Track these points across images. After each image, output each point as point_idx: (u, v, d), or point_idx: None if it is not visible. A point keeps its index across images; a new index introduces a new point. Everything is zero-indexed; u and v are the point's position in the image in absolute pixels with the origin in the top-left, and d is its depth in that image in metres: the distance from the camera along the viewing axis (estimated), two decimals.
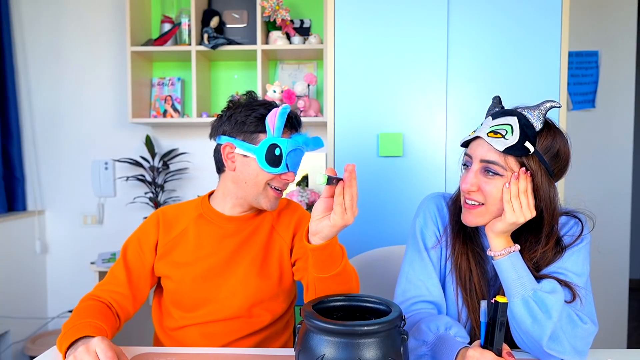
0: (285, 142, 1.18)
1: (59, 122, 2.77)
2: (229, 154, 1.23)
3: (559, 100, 1.93)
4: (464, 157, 1.08)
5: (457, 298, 1.10)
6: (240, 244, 1.27)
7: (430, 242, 1.14)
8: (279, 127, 1.17)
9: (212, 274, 1.24)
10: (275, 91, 2.39)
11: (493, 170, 1.00)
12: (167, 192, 2.72)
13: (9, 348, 2.54)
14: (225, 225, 1.28)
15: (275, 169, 1.19)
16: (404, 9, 1.95)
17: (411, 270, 1.14)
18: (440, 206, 1.17)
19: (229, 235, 1.27)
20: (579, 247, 1.05)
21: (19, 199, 2.71)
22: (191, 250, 1.26)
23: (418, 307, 1.10)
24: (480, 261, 1.10)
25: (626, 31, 2.71)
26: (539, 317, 0.95)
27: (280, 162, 1.18)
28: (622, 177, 2.75)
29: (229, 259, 1.25)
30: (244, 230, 1.28)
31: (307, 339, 0.82)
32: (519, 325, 0.97)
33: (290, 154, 1.19)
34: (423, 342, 0.98)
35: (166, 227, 1.28)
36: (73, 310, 1.14)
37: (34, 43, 2.75)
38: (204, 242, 1.26)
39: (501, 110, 1.05)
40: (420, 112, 1.95)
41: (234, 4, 2.55)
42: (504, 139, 0.99)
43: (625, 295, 2.73)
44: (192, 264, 1.24)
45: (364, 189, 2.00)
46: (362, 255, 1.56)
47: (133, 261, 1.25)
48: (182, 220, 1.29)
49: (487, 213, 1.03)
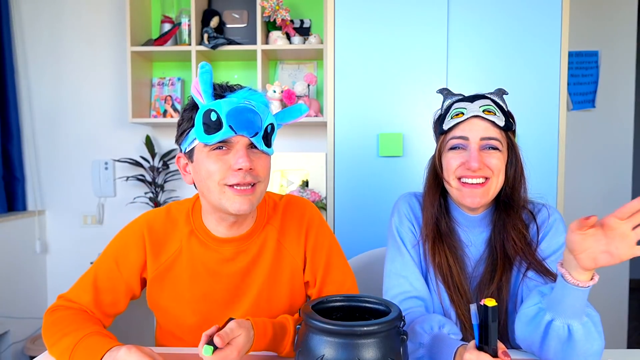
0: (219, 103, 0.98)
1: (59, 122, 2.77)
2: (184, 167, 1.08)
3: (559, 100, 1.93)
4: (450, 141, 1.10)
5: (439, 295, 1.11)
6: (244, 271, 1.11)
7: (407, 239, 1.16)
8: (205, 90, 0.99)
9: (216, 305, 1.11)
10: (275, 91, 2.39)
11: (493, 145, 1.06)
12: (167, 192, 2.72)
13: (9, 348, 2.54)
14: (221, 249, 1.10)
15: (216, 135, 0.97)
16: (404, 8, 1.95)
17: (393, 268, 1.15)
18: (413, 205, 1.20)
19: (227, 261, 1.10)
20: (557, 224, 1.10)
21: (19, 199, 2.71)
22: (187, 279, 1.10)
23: (406, 304, 1.10)
24: (459, 257, 1.12)
25: (626, 31, 2.71)
26: (594, 336, 0.90)
27: (220, 125, 0.97)
28: (622, 177, 2.75)
29: (234, 289, 1.11)
30: (246, 253, 1.11)
31: (307, 340, 0.82)
32: (577, 345, 0.90)
33: (231, 113, 0.97)
34: (419, 345, 0.98)
35: (155, 249, 1.10)
36: (48, 322, 1.05)
37: (34, 43, 2.75)
38: (200, 269, 1.10)
39: (472, 95, 1.12)
40: (420, 112, 1.95)
41: (234, 4, 2.55)
42: (496, 116, 1.06)
43: (625, 295, 2.73)
44: (191, 293, 1.10)
45: (364, 189, 2.00)
46: (361, 255, 1.56)
47: (105, 287, 1.09)
48: (174, 238, 1.11)
49: (491, 189, 1.07)
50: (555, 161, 1.93)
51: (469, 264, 1.12)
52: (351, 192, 2.00)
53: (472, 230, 1.14)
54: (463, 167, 1.07)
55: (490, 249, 1.12)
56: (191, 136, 1.03)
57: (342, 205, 2.01)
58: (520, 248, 1.07)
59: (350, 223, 2.01)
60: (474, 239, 1.14)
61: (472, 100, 1.09)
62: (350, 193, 2.00)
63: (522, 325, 0.97)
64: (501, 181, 1.08)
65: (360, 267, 1.50)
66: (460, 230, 1.14)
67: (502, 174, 1.08)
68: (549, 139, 1.93)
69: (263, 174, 1.03)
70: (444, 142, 1.12)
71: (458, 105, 1.10)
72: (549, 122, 1.93)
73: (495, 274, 1.09)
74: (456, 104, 1.11)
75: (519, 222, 1.10)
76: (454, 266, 1.10)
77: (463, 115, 1.07)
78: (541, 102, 1.93)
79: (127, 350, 0.89)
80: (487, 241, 1.13)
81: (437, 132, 1.16)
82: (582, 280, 0.85)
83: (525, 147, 1.93)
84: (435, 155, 1.15)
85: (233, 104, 0.99)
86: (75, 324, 1.02)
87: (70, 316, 1.05)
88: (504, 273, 1.08)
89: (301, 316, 0.85)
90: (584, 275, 0.85)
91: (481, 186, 1.06)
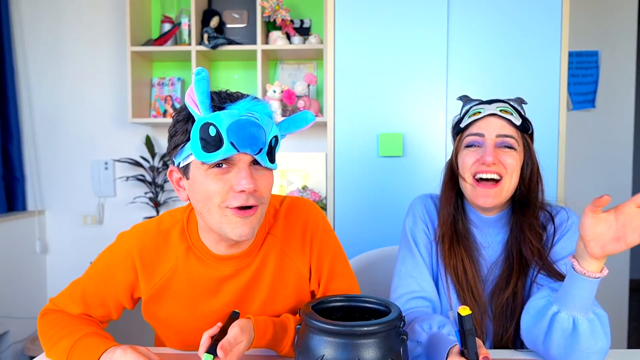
0: (218, 116, 0.87)
1: (59, 122, 2.77)
2: (178, 181, 0.98)
3: (559, 100, 1.93)
4: (467, 138, 1.11)
5: (449, 298, 1.11)
6: (246, 287, 1.04)
7: (420, 240, 1.16)
8: (202, 100, 0.87)
9: (217, 321, 1.01)
10: (275, 91, 2.39)
11: (509, 144, 1.07)
12: (167, 192, 2.72)
13: (9, 348, 2.54)
14: (221, 266, 1.03)
15: (216, 153, 0.87)
16: (404, 8, 1.95)
17: (403, 268, 1.15)
18: (429, 206, 1.20)
19: (228, 278, 1.04)
20: (575, 228, 1.09)
21: (19, 199, 2.71)
22: (186, 297, 1.04)
23: (412, 304, 1.10)
24: (475, 259, 1.11)
25: (626, 31, 2.71)
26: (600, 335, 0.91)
27: (221, 142, 0.86)
28: (622, 177, 2.75)
29: (235, 306, 1.05)
30: (247, 269, 1.04)
31: (307, 340, 0.82)
32: (580, 340, 0.90)
33: (232, 127, 0.86)
34: (417, 343, 0.98)
35: (147, 269, 1.03)
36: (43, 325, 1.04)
37: (34, 43, 2.75)
38: (199, 287, 1.04)
39: (491, 99, 1.13)
40: (420, 112, 1.95)
41: (234, 4, 2.55)
42: (512, 115, 1.08)
43: (625, 295, 2.73)
44: (190, 311, 1.05)
45: (364, 189, 2.00)
46: (361, 255, 1.55)
47: (94, 303, 1.05)
48: (167, 256, 1.04)
49: (504, 189, 1.07)
50: (555, 161, 1.93)
51: (484, 265, 1.12)
52: (351, 192, 2.00)
53: (488, 231, 1.14)
54: (478, 163, 1.07)
55: (507, 252, 1.12)
56: (186, 151, 0.91)
57: (342, 205, 2.01)
58: (537, 249, 1.06)
59: (350, 223, 2.01)
60: (491, 240, 1.13)
61: (490, 103, 1.11)
62: (350, 193, 2.00)
63: (529, 317, 0.98)
64: (515, 181, 1.07)
65: (361, 267, 1.50)
66: (476, 231, 1.14)
67: (517, 175, 1.07)
68: (549, 139, 1.93)
69: (266, 195, 0.95)
70: (460, 140, 1.13)
71: (476, 107, 1.12)
72: (549, 122, 1.93)
73: (511, 278, 1.08)
74: (475, 107, 1.13)
75: (536, 222, 1.09)
76: (469, 268, 1.09)
77: (480, 114, 1.09)
78: (541, 102, 1.93)
79: (122, 352, 0.88)
80: (503, 244, 1.13)
81: (455, 132, 1.17)
82: (591, 271, 0.87)
83: None
84: (452, 154, 1.15)
85: (234, 116, 0.87)
86: (71, 326, 1.01)
87: (66, 318, 1.03)
88: (520, 278, 1.08)
89: (301, 316, 0.85)
90: (592, 265, 0.87)
91: (494, 186, 1.06)
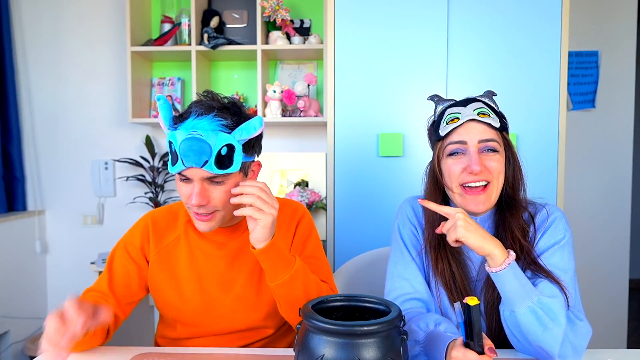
0: (174, 135, 1.02)
1: (59, 122, 2.76)
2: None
3: (559, 100, 1.93)
4: (449, 146, 1.09)
5: (439, 299, 1.11)
6: (236, 253, 1.19)
7: (409, 241, 1.17)
8: (164, 119, 1.04)
9: (211, 285, 1.18)
10: (275, 91, 2.39)
11: (492, 147, 1.06)
12: (167, 192, 2.72)
13: (9, 348, 2.54)
14: (215, 237, 1.19)
15: (175, 167, 1.03)
16: (404, 8, 1.96)
17: (395, 271, 1.15)
18: (417, 207, 1.20)
19: (220, 247, 1.19)
20: (563, 243, 1.07)
21: (19, 199, 2.71)
22: (185, 262, 1.19)
23: (407, 305, 1.10)
24: (462, 262, 1.11)
25: (626, 31, 2.71)
26: (549, 325, 0.93)
27: (177, 157, 1.02)
28: (622, 177, 2.75)
29: (225, 273, 1.18)
30: (237, 240, 1.19)
31: (307, 339, 0.82)
32: (529, 335, 0.95)
33: (181, 145, 1.00)
34: (415, 342, 0.98)
35: (157, 235, 1.21)
36: None
37: (34, 43, 2.75)
38: (196, 252, 1.19)
39: (464, 99, 1.11)
40: (420, 112, 1.95)
41: (234, 4, 2.55)
42: (491, 118, 1.07)
43: (625, 295, 2.73)
44: (188, 274, 1.18)
45: (364, 189, 2.00)
46: (362, 255, 1.55)
47: (119, 270, 1.18)
48: (174, 228, 1.22)
49: (493, 193, 1.07)
50: (555, 161, 1.93)
51: (472, 267, 1.12)
52: (351, 192, 2.00)
53: None
54: (465, 173, 1.06)
55: None
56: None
57: (342, 205, 2.01)
58: (524, 246, 1.07)
59: (350, 223, 2.01)
60: None
61: (464, 105, 1.09)
62: (350, 193, 2.00)
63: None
64: (501, 183, 1.08)
65: (361, 267, 1.50)
66: None
67: (502, 176, 1.08)
68: (549, 139, 1.93)
69: (221, 204, 1.06)
70: (441, 148, 1.11)
71: (452, 110, 1.10)
72: (549, 122, 1.93)
73: None
74: (449, 109, 1.11)
75: (523, 222, 1.09)
76: (456, 272, 1.09)
77: (459, 119, 1.07)
78: (541, 102, 1.93)
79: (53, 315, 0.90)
80: None
81: (433, 138, 1.15)
82: (494, 266, 0.95)
83: (525, 147, 1.95)
84: (433, 161, 1.14)
85: (183, 135, 1.01)
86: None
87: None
88: None
89: (301, 316, 0.85)
90: (493, 260, 0.95)
91: (483, 192, 1.06)
